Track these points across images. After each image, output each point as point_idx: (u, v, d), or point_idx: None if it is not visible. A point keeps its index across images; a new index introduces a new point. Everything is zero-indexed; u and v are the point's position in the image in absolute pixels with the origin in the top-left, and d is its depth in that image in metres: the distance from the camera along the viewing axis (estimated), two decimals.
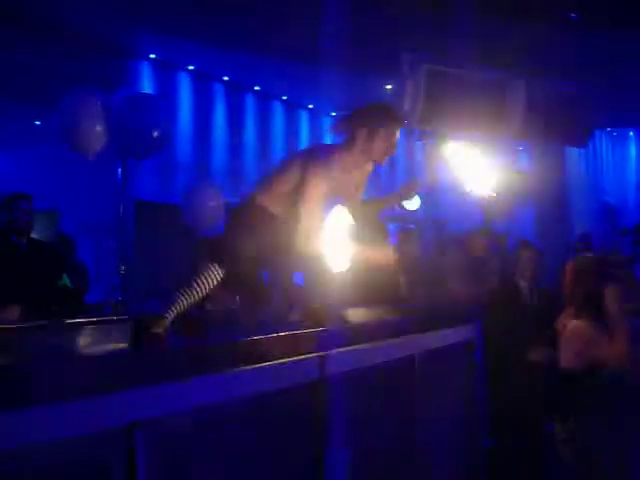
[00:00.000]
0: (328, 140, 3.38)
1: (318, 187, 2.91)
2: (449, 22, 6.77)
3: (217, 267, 2.80)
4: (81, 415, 1.85)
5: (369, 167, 3.17)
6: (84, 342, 2.91)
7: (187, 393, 2.18)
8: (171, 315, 2.60)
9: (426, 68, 5.50)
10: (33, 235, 5.12)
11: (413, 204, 3.83)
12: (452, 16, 6.75)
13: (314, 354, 2.75)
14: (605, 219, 13.73)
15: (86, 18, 7.79)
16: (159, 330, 2.50)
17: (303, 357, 2.71)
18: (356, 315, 3.67)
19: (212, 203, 7.10)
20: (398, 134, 3.16)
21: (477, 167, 4.90)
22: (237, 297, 4.30)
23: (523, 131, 5.93)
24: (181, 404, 2.16)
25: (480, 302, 5.27)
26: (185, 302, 2.69)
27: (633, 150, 15.03)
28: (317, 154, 3.04)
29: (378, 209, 3.71)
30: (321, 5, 7.26)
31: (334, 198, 3.08)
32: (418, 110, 5.42)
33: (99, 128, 6.20)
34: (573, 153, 11.93)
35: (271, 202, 2.95)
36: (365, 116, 3.11)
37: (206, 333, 3.01)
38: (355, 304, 3.77)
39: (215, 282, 2.79)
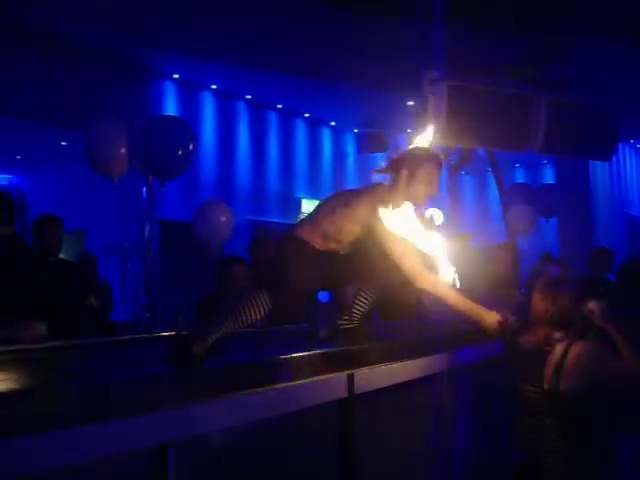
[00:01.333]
0: (350, 156, 3.42)
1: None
2: (470, 37, 6.80)
3: (265, 296, 2.79)
4: (114, 435, 1.87)
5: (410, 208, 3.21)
6: (115, 361, 2.93)
7: (218, 413, 2.19)
8: (212, 338, 2.60)
9: (447, 85, 5.51)
10: (60, 255, 5.19)
11: (437, 219, 3.83)
12: (473, 31, 6.77)
13: (343, 372, 2.76)
14: (628, 232, 13.62)
15: (110, 39, 7.91)
16: (199, 349, 2.51)
17: (332, 375, 2.72)
18: (385, 332, 3.68)
19: (223, 219, 7.08)
20: (438, 175, 3.20)
21: None
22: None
23: (547, 145, 5.92)
24: (212, 424, 2.17)
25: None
26: (228, 327, 2.69)
27: None
28: (362, 193, 3.12)
29: None
30: (342, 23, 7.33)
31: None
32: (441, 127, 5.42)
33: (122, 152, 6.26)
34: (597, 166, 11.89)
35: (311, 236, 3.00)
36: (405, 159, 3.18)
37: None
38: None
39: (263, 311, 2.78)
